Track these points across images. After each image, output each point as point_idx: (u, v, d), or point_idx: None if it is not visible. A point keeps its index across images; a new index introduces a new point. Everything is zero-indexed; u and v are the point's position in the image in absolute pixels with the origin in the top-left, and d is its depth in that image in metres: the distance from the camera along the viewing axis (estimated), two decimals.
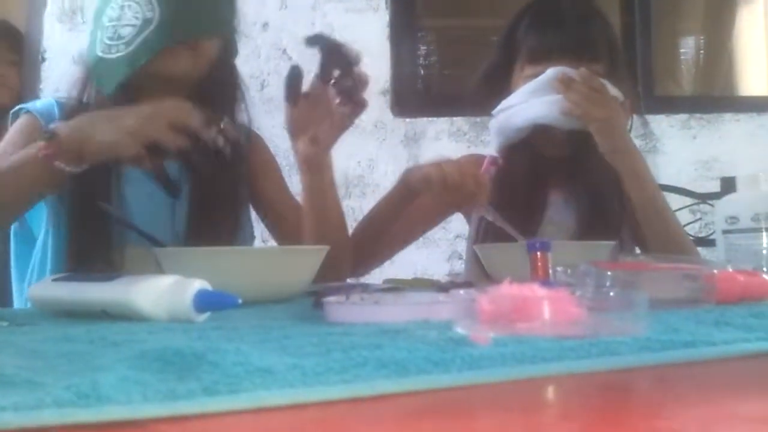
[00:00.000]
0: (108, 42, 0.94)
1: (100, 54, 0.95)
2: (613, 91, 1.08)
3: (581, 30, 1.13)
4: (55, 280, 0.70)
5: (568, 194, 1.16)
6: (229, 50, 1.04)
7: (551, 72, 1.08)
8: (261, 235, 2.34)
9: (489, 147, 2.54)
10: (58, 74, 2.57)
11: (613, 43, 1.18)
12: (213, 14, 0.98)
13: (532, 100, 1.10)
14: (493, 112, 1.17)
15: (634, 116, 1.19)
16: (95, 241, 0.93)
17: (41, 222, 1.01)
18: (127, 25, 0.92)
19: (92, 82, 0.99)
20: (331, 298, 0.57)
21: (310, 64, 0.99)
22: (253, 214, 1.14)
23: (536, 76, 1.10)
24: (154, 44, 0.92)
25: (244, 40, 1.13)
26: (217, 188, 1.00)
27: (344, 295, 0.58)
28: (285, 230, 1.09)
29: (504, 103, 1.14)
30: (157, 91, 0.94)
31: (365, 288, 0.72)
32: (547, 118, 1.08)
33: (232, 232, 1.03)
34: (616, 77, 1.13)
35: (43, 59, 2.60)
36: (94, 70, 0.97)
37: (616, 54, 1.17)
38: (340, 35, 0.98)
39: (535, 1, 1.20)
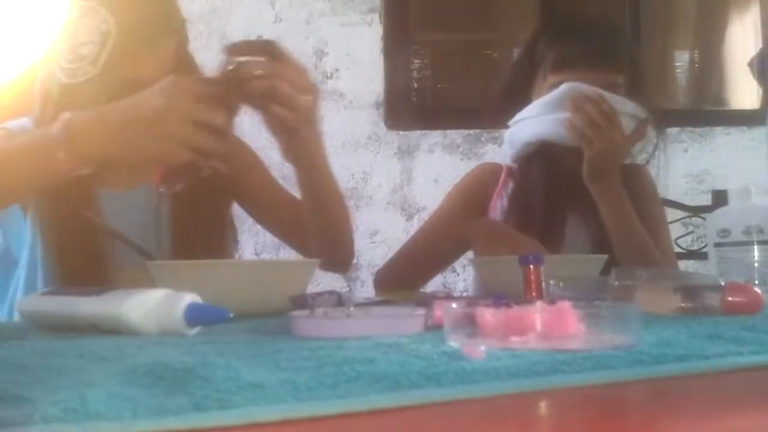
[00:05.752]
0: (70, 66, 0.90)
1: (65, 80, 0.91)
2: (630, 107, 1.06)
3: (606, 40, 1.13)
4: (44, 294, 0.69)
5: (587, 217, 1.13)
6: (183, 42, 1.03)
7: (566, 87, 1.06)
8: (254, 248, 2.32)
9: (482, 159, 2.54)
10: None
11: (634, 58, 1.18)
12: (166, 10, 0.98)
13: (543, 116, 1.09)
14: (510, 122, 1.16)
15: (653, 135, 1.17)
16: (85, 257, 0.91)
17: (21, 242, 0.98)
18: (86, 43, 0.89)
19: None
20: (297, 312, 0.56)
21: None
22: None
23: (559, 84, 1.08)
24: (121, 55, 0.89)
25: None
26: (203, 194, 0.96)
27: (309, 309, 0.58)
28: (285, 226, 1.06)
29: (519, 115, 1.14)
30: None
31: (346, 300, 0.70)
32: (555, 136, 1.07)
33: (220, 238, 1.01)
34: (637, 92, 1.12)
35: None
36: (63, 99, 0.91)
37: (637, 69, 1.16)
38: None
39: (555, 17, 1.20)
